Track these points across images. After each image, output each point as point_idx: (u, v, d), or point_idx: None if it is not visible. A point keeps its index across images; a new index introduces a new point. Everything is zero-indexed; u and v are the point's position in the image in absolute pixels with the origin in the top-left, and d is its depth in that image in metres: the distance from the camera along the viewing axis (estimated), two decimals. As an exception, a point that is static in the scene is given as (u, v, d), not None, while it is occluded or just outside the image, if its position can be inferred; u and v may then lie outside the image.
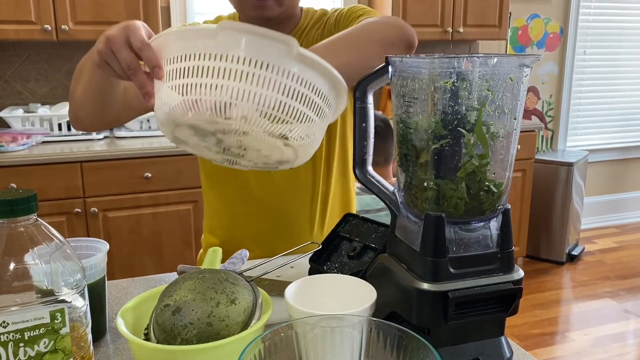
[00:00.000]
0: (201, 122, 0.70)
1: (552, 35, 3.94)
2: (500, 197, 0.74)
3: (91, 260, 0.85)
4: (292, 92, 0.69)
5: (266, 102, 0.67)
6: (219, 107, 0.67)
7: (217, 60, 0.67)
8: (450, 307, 0.71)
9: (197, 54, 0.67)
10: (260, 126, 0.69)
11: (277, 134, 0.71)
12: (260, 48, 0.67)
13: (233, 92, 0.66)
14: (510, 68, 0.69)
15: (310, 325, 0.70)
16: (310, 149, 0.79)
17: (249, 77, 0.66)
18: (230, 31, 0.66)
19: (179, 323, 0.74)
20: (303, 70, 0.69)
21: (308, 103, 0.71)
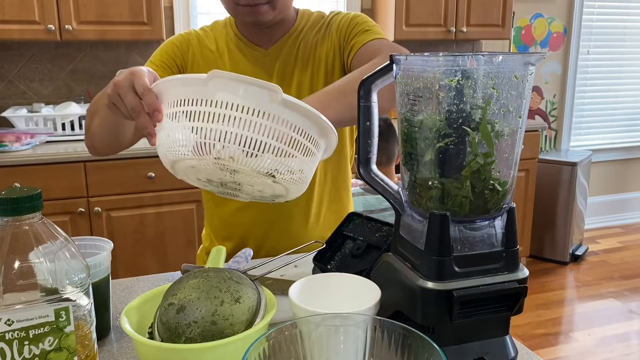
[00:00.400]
0: (194, 161, 0.78)
1: (555, 34, 3.93)
2: (505, 196, 0.74)
3: (95, 259, 0.85)
4: (275, 134, 0.75)
5: (250, 143, 0.75)
6: (208, 148, 0.75)
7: (205, 105, 0.75)
8: (455, 305, 0.71)
9: (189, 100, 0.76)
10: (247, 165, 0.76)
11: (264, 172, 0.78)
12: (245, 94, 0.74)
13: (220, 134, 0.74)
14: (515, 66, 0.69)
15: (315, 324, 0.70)
16: (301, 185, 0.85)
17: (235, 121, 0.74)
18: (217, 79, 0.74)
19: (183, 322, 0.74)
20: (286, 113, 0.75)
21: (292, 143, 0.77)
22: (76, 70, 2.93)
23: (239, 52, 1.25)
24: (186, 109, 0.76)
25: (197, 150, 0.78)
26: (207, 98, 0.74)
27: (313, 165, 0.84)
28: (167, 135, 0.80)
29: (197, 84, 0.75)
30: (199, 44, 1.26)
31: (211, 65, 1.24)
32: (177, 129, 0.79)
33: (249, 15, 1.15)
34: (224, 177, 0.83)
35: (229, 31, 1.27)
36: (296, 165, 0.80)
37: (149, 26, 2.66)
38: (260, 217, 1.26)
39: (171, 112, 0.78)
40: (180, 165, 0.84)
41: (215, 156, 0.76)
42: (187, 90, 0.77)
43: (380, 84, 0.80)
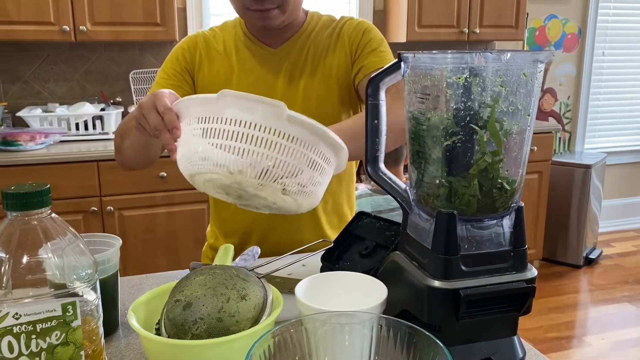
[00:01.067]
0: (208, 174, 0.82)
1: (570, 36, 3.89)
2: (514, 195, 0.73)
3: (104, 255, 0.85)
4: (282, 149, 0.78)
5: (259, 158, 0.78)
6: (219, 162, 0.79)
7: (214, 122, 0.79)
8: (462, 305, 0.70)
9: (202, 118, 0.80)
10: (257, 179, 0.79)
11: (274, 186, 0.80)
12: (251, 111, 0.77)
13: (231, 149, 0.77)
14: (524, 64, 0.68)
15: (320, 322, 0.70)
16: (313, 198, 0.86)
17: (242, 136, 0.77)
18: (226, 98, 0.78)
19: (189, 318, 0.74)
20: (292, 128, 0.78)
21: (298, 157, 0.79)
22: (90, 71, 2.96)
23: (247, 51, 1.25)
24: (199, 126, 0.81)
25: (207, 164, 0.81)
26: (216, 116, 0.79)
27: (323, 179, 0.86)
28: (184, 150, 0.84)
29: (209, 102, 0.80)
30: (206, 45, 1.27)
31: (217, 66, 1.24)
32: (191, 144, 0.82)
33: (259, 19, 1.17)
34: (239, 190, 0.85)
35: (238, 31, 1.28)
36: (305, 179, 0.81)
37: (162, 27, 2.68)
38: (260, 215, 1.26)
39: (188, 129, 0.83)
40: (199, 179, 0.87)
41: (230, 171, 0.79)
42: (200, 108, 0.81)
43: (389, 82, 0.80)
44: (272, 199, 0.86)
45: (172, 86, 1.23)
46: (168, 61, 1.27)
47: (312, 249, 0.95)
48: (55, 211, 0.68)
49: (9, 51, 2.84)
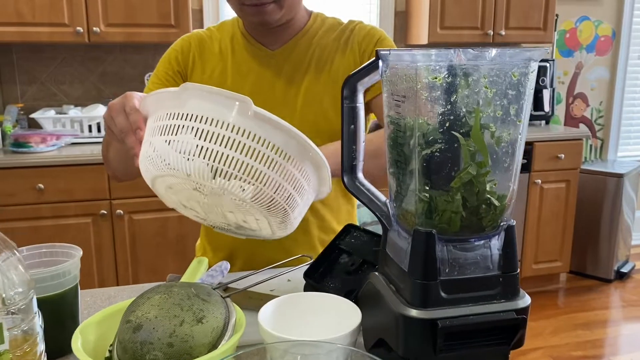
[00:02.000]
0: (167, 178, 0.76)
1: (603, 38, 3.72)
2: (503, 212, 0.64)
3: (61, 268, 0.79)
4: (245, 149, 0.71)
5: (217, 158, 0.70)
6: (175, 162, 0.72)
7: (175, 119, 0.72)
8: (439, 337, 0.61)
9: (163, 115, 0.74)
10: (215, 183, 0.72)
11: (234, 191, 0.73)
12: (210, 105, 0.71)
13: (187, 147, 0.71)
14: (513, 62, 0.59)
15: (282, 351, 0.62)
16: (285, 216, 0.78)
17: (202, 133, 0.70)
18: (189, 91, 0.72)
19: (138, 342, 0.67)
20: (258, 127, 0.71)
21: (266, 161, 0.72)
22: (106, 73, 2.95)
23: (244, 52, 1.18)
24: (160, 123, 0.75)
25: (160, 164, 0.75)
26: (178, 111, 0.73)
27: (298, 198, 0.78)
28: (144, 150, 0.78)
29: (171, 97, 0.74)
30: (199, 46, 1.20)
31: (211, 68, 1.18)
32: (149, 143, 0.76)
33: (255, 15, 1.09)
34: (201, 200, 0.79)
35: (236, 31, 1.21)
36: (270, 187, 0.73)
37: (176, 29, 2.65)
38: None
39: (150, 127, 0.78)
40: (160, 185, 0.81)
41: (187, 172, 0.72)
42: (163, 104, 0.76)
43: (367, 82, 0.72)
44: (242, 216, 0.79)
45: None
46: (161, 64, 1.21)
47: (291, 264, 0.87)
48: (64, 214, 0.64)
49: (26, 53, 2.85)
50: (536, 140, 3.05)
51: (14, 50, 2.83)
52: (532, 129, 3.33)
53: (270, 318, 0.74)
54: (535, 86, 3.33)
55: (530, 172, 3.08)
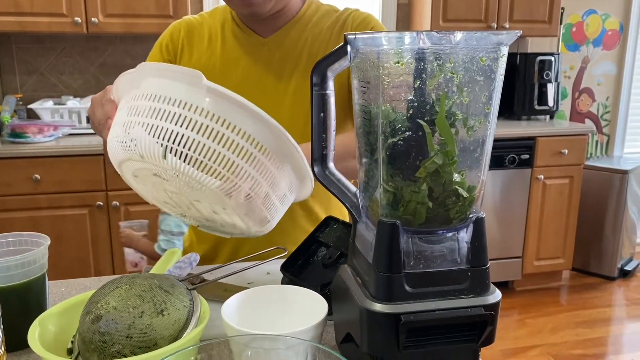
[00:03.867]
0: (131, 162, 0.74)
1: (610, 32, 3.65)
2: (472, 204, 0.62)
3: (27, 256, 0.78)
4: (202, 130, 0.68)
5: (166, 135, 0.68)
6: (127, 142, 0.71)
7: (133, 100, 0.71)
8: (402, 332, 0.59)
9: (128, 97, 0.73)
10: (167, 166, 0.69)
11: (188, 172, 0.69)
12: (163, 83, 0.69)
13: (138, 127, 0.69)
14: (481, 46, 0.56)
15: (242, 345, 0.60)
16: (255, 206, 0.74)
17: (154, 112, 0.69)
18: (142, 69, 0.71)
19: (97, 334, 0.65)
20: (213, 104, 0.68)
21: (226, 144, 0.68)
22: (105, 64, 2.94)
23: (235, 39, 1.16)
24: (120, 105, 0.75)
25: (116, 148, 0.74)
26: (136, 92, 0.72)
27: (264, 179, 0.73)
28: (110, 135, 0.77)
29: (130, 79, 0.74)
30: (188, 32, 1.18)
31: (199, 55, 1.16)
32: (112, 127, 0.76)
33: (243, 7, 1.07)
34: (167, 188, 0.77)
35: (227, 17, 1.18)
36: (232, 170, 0.69)
37: (175, 19, 2.61)
38: None
39: (116, 112, 0.77)
40: (126, 173, 0.80)
41: (140, 153, 0.70)
42: (125, 88, 0.75)
43: (338, 68, 0.69)
44: (207, 206, 0.77)
45: None
46: (152, 52, 1.20)
47: (265, 256, 0.85)
48: (61, 205, 0.62)
49: (25, 43, 2.84)
50: (539, 135, 3.01)
51: (13, 40, 2.82)
52: (536, 123, 3.28)
53: (235, 311, 0.72)
54: (539, 80, 3.27)
55: (533, 167, 3.04)
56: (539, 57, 3.25)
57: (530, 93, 3.30)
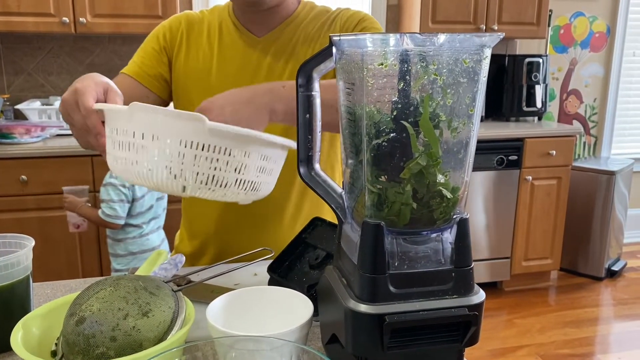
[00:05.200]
0: (135, 182, 0.77)
1: (597, 34, 3.69)
2: (456, 204, 0.62)
3: (11, 258, 0.77)
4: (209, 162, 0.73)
5: (183, 173, 0.73)
6: (142, 176, 0.74)
7: (130, 136, 0.73)
8: (386, 333, 0.59)
9: (121, 130, 0.74)
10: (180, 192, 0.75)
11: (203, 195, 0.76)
12: (167, 126, 0.72)
13: (145, 165, 0.72)
14: (464, 48, 0.57)
15: (227, 347, 0.60)
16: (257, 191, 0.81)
17: (157, 151, 0.72)
18: (138, 112, 0.72)
19: (81, 336, 0.65)
20: (217, 139, 0.72)
21: (230, 169, 0.75)
22: (93, 64, 2.92)
23: (231, 37, 1.17)
24: (119, 138, 0.75)
25: (129, 177, 0.77)
26: (131, 129, 0.73)
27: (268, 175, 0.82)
28: (111, 162, 0.78)
29: (123, 117, 0.74)
30: (188, 28, 1.18)
31: (196, 51, 1.17)
32: (118, 155, 0.76)
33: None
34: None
35: (225, 15, 1.19)
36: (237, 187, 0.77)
37: (164, 19, 2.61)
38: (226, 216, 1.17)
39: (112, 137, 0.76)
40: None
41: (156, 186, 0.75)
42: (116, 121, 0.75)
43: (323, 70, 0.70)
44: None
45: (147, 65, 1.16)
46: (148, 39, 1.20)
47: (252, 258, 0.85)
48: (48, 206, 0.61)
49: (12, 43, 2.82)
50: (527, 136, 3.03)
51: (0, 40, 2.80)
52: (524, 124, 3.30)
53: (221, 313, 0.72)
54: (527, 81, 3.29)
55: (521, 168, 3.06)
56: (527, 58, 3.27)
57: (518, 94, 3.32)
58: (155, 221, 2.26)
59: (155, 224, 2.27)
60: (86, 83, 0.83)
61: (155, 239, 2.25)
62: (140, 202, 2.16)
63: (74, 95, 0.82)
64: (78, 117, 0.81)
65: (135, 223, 2.17)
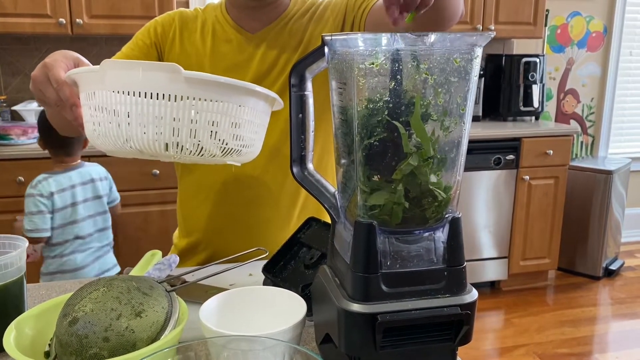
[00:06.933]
0: (115, 150, 0.74)
1: (594, 34, 3.69)
2: (448, 204, 0.62)
3: (4, 259, 0.77)
4: (189, 114, 0.70)
5: (164, 132, 0.70)
6: (122, 139, 0.71)
7: (106, 97, 0.70)
8: (378, 332, 0.59)
9: (95, 92, 0.71)
10: (164, 152, 0.72)
11: (188, 155, 0.72)
12: (142, 80, 0.69)
13: (123, 127, 0.70)
14: (455, 47, 0.57)
15: (220, 346, 0.60)
16: (252, 150, 0.80)
17: (138, 108, 0.69)
18: (110, 70, 0.70)
19: (74, 336, 0.65)
20: (197, 90, 0.70)
21: (211, 120, 0.72)
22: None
23: (224, 34, 1.17)
24: (94, 102, 0.72)
25: (108, 141, 0.73)
26: (106, 89, 0.70)
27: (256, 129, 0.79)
28: (92, 126, 0.74)
29: (95, 77, 0.71)
30: (182, 24, 1.18)
31: (189, 47, 1.17)
32: (93, 120, 0.73)
33: None
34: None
35: (218, 13, 1.19)
36: (223, 141, 0.74)
37: (160, 21, 2.62)
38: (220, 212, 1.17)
39: (85, 104, 0.74)
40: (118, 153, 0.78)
41: (138, 149, 0.71)
42: (90, 84, 0.72)
43: (316, 69, 0.70)
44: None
45: (135, 57, 1.16)
46: (139, 33, 1.20)
47: (246, 257, 0.85)
48: None
49: (9, 44, 2.82)
50: (524, 136, 3.03)
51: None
52: (521, 124, 3.31)
53: (214, 313, 0.72)
54: (524, 81, 3.29)
55: (518, 168, 3.06)
56: (524, 58, 3.28)
57: (515, 94, 3.32)
58: (83, 242, 2.04)
59: (84, 245, 2.04)
60: (55, 57, 0.82)
61: (80, 260, 2.02)
62: (62, 214, 1.98)
63: (43, 69, 0.81)
64: (50, 91, 0.80)
65: (55, 241, 1.98)
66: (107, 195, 2.17)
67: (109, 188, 2.19)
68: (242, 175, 1.13)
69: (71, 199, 2.01)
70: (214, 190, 1.17)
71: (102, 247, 2.10)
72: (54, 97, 0.79)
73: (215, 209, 1.17)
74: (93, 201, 2.09)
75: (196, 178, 1.19)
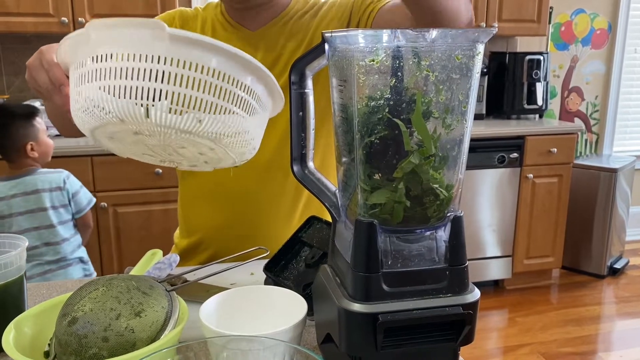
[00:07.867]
0: (104, 127, 0.70)
1: (599, 31, 3.67)
2: (450, 202, 0.61)
3: (4, 259, 0.77)
4: (173, 79, 0.64)
5: (143, 93, 0.64)
6: (105, 108, 0.66)
7: (95, 62, 0.66)
8: (379, 332, 0.59)
9: (82, 61, 0.67)
10: (145, 120, 0.66)
11: (179, 127, 0.66)
12: (123, 40, 0.64)
13: (109, 90, 0.65)
14: (456, 44, 0.56)
15: (220, 346, 0.60)
16: (246, 145, 0.74)
17: (122, 71, 0.64)
18: (95, 30, 0.66)
19: (73, 336, 0.64)
20: (180, 52, 0.64)
21: (197, 86, 0.66)
22: (93, 64, 2.92)
23: (224, 33, 1.16)
24: (80, 71, 0.67)
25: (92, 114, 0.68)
26: (94, 54, 0.66)
27: (254, 121, 0.72)
28: (72, 104, 0.70)
29: (82, 41, 0.67)
30: (181, 24, 1.18)
31: None
32: (79, 94, 0.68)
33: None
34: (148, 143, 0.73)
35: (217, 12, 1.19)
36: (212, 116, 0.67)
37: (163, 20, 2.62)
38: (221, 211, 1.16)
39: (73, 77, 0.69)
40: (100, 136, 0.74)
41: (119, 117, 0.66)
42: (77, 50, 0.68)
43: (316, 67, 0.69)
44: (193, 149, 0.74)
45: None
46: None
47: (247, 257, 0.85)
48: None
49: (12, 43, 2.82)
50: (529, 134, 3.02)
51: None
52: (525, 122, 3.29)
53: (214, 312, 0.72)
54: (528, 79, 3.28)
55: (522, 166, 3.05)
56: (528, 56, 3.26)
57: (519, 92, 3.31)
58: (33, 260, 1.92)
59: (28, 257, 1.91)
60: (51, 45, 0.82)
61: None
62: (7, 223, 1.89)
63: (38, 56, 0.81)
64: (42, 75, 0.79)
65: None
66: (64, 207, 2.02)
67: (67, 199, 2.03)
68: (243, 175, 1.13)
69: (7, 210, 1.92)
70: (215, 191, 1.17)
71: (54, 261, 1.98)
72: (46, 82, 0.78)
73: (216, 210, 1.17)
74: (39, 213, 1.97)
75: (197, 180, 1.19)
